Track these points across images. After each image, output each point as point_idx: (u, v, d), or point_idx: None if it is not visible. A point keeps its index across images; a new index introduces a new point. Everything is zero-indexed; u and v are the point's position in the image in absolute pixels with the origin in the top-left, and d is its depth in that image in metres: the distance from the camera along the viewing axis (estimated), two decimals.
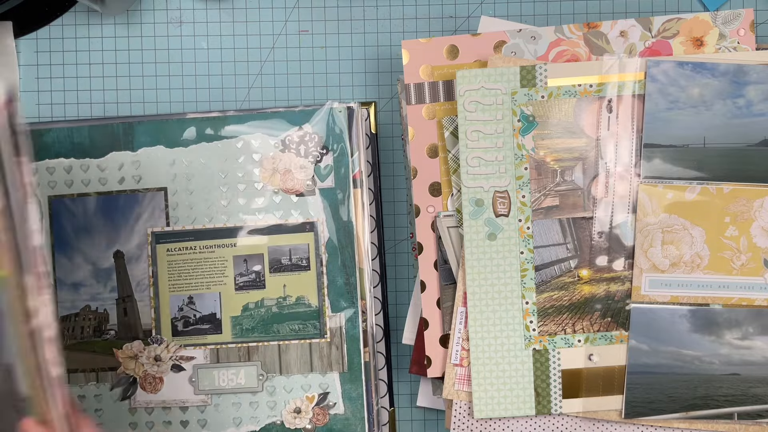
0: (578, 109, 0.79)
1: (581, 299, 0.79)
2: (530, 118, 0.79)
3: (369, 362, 0.80)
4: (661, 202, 0.78)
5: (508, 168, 0.79)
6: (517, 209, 0.79)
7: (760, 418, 0.78)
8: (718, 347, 0.78)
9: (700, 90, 0.78)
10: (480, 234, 0.79)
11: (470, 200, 0.79)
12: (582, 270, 0.79)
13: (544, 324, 0.79)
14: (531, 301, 0.79)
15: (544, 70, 0.78)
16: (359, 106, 0.81)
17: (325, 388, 0.80)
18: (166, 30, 0.86)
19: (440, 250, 0.81)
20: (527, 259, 0.79)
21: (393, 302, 0.85)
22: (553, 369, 0.79)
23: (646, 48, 0.79)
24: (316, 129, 0.81)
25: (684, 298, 0.79)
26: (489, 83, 0.79)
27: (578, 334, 0.79)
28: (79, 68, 0.86)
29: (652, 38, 0.79)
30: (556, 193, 0.79)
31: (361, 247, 0.80)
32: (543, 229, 0.79)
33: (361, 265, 0.80)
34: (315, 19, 0.87)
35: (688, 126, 0.78)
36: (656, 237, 0.78)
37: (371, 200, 0.82)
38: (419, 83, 0.81)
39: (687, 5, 0.86)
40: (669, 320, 0.78)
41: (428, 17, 0.86)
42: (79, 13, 0.87)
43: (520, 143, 0.79)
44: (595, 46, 0.80)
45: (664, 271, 0.79)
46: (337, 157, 0.81)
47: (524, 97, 0.79)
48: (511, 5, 0.86)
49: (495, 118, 0.79)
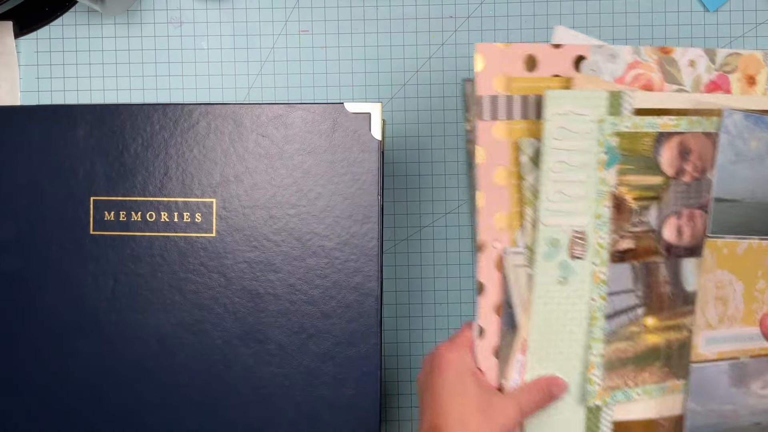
0: (658, 143, 0.72)
1: (645, 350, 0.73)
2: (615, 150, 0.71)
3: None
4: (719, 258, 0.73)
5: (591, 205, 0.71)
6: (593, 252, 0.71)
7: None
8: (746, 398, 0.76)
9: (757, 143, 0.73)
10: (551, 278, 0.70)
11: (546, 240, 0.69)
12: (648, 318, 0.73)
13: (609, 378, 0.72)
14: (598, 353, 0.72)
15: (631, 98, 0.71)
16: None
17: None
18: (166, 30, 0.86)
19: (505, 292, 0.71)
20: (599, 307, 0.71)
21: (393, 289, 0.86)
22: (604, 421, 0.73)
23: (710, 81, 0.74)
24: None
25: (726, 353, 0.75)
26: (578, 108, 0.70)
27: (639, 387, 0.73)
28: (79, 68, 0.86)
29: (715, 71, 0.74)
30: (632, 235, 0.72)
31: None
32: (616, 274, 0.72)
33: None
34: (315, 19, 0.87)
35: (746, 178, 0.73)
36: (710, 293, 0.73)
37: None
38: (494, 95, 0.69)
39: (687, 5, 0.86)
40: (716, 378, 0.75)
41: (428, 17, 0.86)
42: (79, 13, 0.87)
43: (604, 178, 0.71)
44: (668, 73, 0.74)
45: (715, 328, 0.74)
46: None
47: (611, 126, 0.70)
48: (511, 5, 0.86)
49: (582, 148, 0.70)
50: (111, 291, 0.77)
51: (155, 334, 0.77)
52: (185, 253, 0.77)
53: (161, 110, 0.76)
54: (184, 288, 0.77)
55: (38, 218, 0.77)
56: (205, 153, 0.77)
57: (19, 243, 0.77)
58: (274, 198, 0.77)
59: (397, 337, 0.87)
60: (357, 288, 0.77)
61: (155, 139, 0.77)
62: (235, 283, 0.77)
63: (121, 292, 0.77)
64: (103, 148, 0.77)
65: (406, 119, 0.87)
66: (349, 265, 0.77)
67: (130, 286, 0.77)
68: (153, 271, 0.77)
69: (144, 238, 0.77)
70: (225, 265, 0.77)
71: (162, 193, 0.77)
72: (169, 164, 0.77)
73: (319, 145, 0.77)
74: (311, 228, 0.77)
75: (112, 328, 0.77)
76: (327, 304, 0.77)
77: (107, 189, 0.77)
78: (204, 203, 0.77)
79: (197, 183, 0.77)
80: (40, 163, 0.77)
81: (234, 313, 0.77)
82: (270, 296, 0.77)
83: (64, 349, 0.78)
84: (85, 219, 0.77)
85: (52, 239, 0.77)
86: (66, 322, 0.77)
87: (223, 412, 0.77)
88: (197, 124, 0.76)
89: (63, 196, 0.77)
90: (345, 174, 0.77)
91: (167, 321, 0.77)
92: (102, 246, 0.77)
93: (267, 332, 0.77)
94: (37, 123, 0.77)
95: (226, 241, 0.77)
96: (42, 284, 0.77)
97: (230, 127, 0.77)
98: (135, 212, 0.77)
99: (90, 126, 0.77)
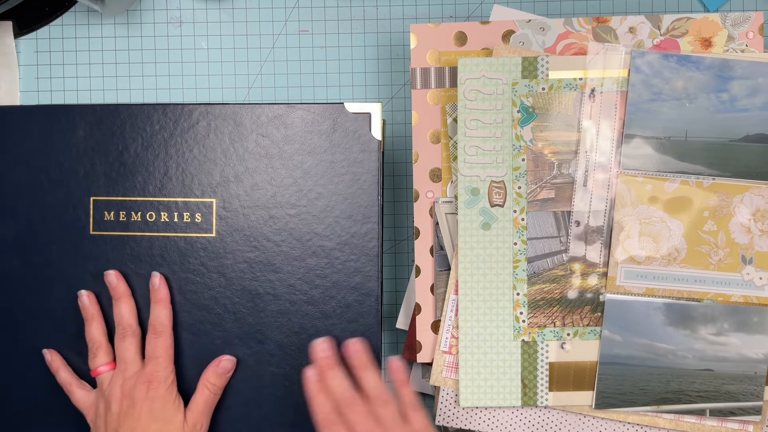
0: (578, 102, 0.79)
1: (572, 293, 0.79)
2: (530, 109, 0.79)
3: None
4: (641, 194, 0.78)
5: (506, 158, 0.79)
6: (512, 200, 0.79)
7: (732, 416, 0.79)
8: (692, 342, 0.79)
9: (684, 83, 0.78)
10: (474, 223, 0.79)
11: (466, 189, 0.79)
12: (574, 263, 0.79)
13: (534, 316, 0.79)
14: (522, 293, 0.79)
15: (546, 62, 0.78)
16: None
17: None
18: (166, 30, 0.86)
19: (437, 236, 0.81)
20: (520, 250, 0.79)
21: (393, 289, 0.86)
22: (541, 361, 0.79)
23: (654, 45, 0.79)
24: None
25: (659, 290, 0.79)
26: (490, 72, 0.79)
27: (568, 328, 0.79)
28: (79, 68, 0.86)
29: (661, 36, 0.79)
30: (552, 186, 0.79)
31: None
32: (538, 221, 0.79)
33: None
34: (315, 19, 0.87)
35: (671, 118, 0.78)
36: (633, 228, 0.79)
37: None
38: (425, 68, 0.81)
39: (687, 5, 0.86)
40: (644, 312, 0.79)
41: (428, 17, 0.87)
42: (79, 13, 0.87)
43: (519, 134, 0.79)
44: (604, 41, 0.80)
45: (640, 263, 0.79)
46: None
47: (525, 88, 0.79)
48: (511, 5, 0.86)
49: (495, 107, 0.79)
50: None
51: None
52: (185, 253, 0.77)
53: (161, 110, 0.76)
54: (184, 288, 0.77)
55: (38, 218, 0.77)
56: (205, 153, 0.77)
57: (19, 243, 0.77)
58: (274, 198, 0.77)
59: (396, 337, 0.87)
60: (357, 288, 0.77)
61: (155, 139, 0.77)
62: (235, 283, 0.77)
63: None
64: (102, 148, 0.77)
65: (406, 119, 0.87)
66: (349, 265, 0.77)
67: (130, 286, 0.77)
68: (153, 271, 0.77)
69: (144, 238, 0.77)
70: (225, 265, 0.77)
71: (162, 193, 0.77)
72: (169, 164, 0.77)
73: (319, 145, 0.77)
74: (311, 228, 0.77)
75: (110, 328, 0.77)
76: (327, 304, 0.77)
77: (107, 189, 0.77)
78: (204, 203, 0.77)
79: (197, 183, 0.77)
80: (39, 163, 0.77)
81: (234, 313, 0.77)
82: (270, 296, 0.77)
83: (64, 349, 0.78)
84: (85, 219, 0.77)
85: (52, 239, 0.77)
86: (66, 322, 0.77)
87: (223, 411, 0.77)
88: (197, 124, 0.76)
89: (63, 196, 0.77)
90: (345, 174, 0.77)
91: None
92: (102, 246, 0.77)
93: (267, 332, 0.77)
94: (37, 123, 0.77)
95: (226, 241, 0.77)
96: (42, 284, 0.77)
97: (230, 127, 0.77)
98: (135, 212, 0.77)
99: (90, 126, 0.77)
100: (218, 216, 0.77)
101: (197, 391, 0.75)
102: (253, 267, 0.77)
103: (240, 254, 0.77)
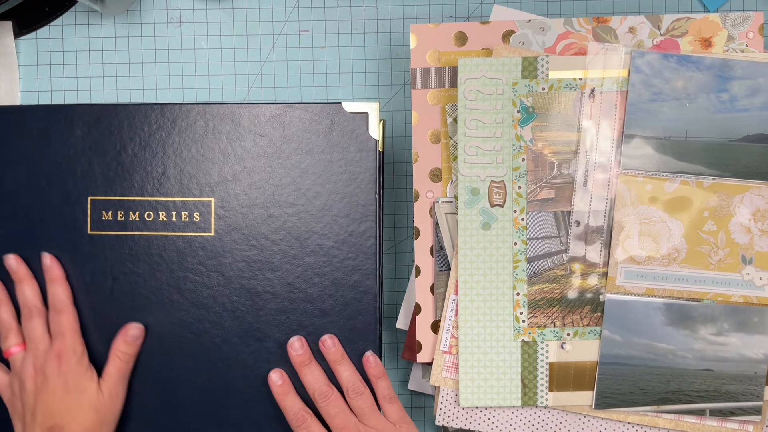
0: (578, 102, 0.79)
1: (572, 293, 0.79)
2: (530, 109, 0.79)
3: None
4: (640, 194, 0.78)
5: (506, 158, 0.79)
6: (512, 200, 0.79)
7: (732, 416, 0.79)
8: (692, 342, 0.79)
9: (684, 83, 0.78)
10: (474, 223, 0.79)
11: (466, 189, 0.79)
12: (574, 263, 0.79)
13: (534, 316, 0.79)
14: (522, 293, 0.79)
15: (546, 62, 0.79)
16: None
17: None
18: (166, 30, 0.87)
19: (437, 236, 0.81)
20: (520, 250, 0.79)
21: (393, 289, 0.86)
22: (540, 361, 0.79)
23: (654, 45, 0.79)
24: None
25: (659, 290, 0.79)
26: (490, 72, 0.79)
27: (568, 328, 0.79)
28: (79, 68, 0.87)
29: (661, 36, 0.79)
30: (552, 186, 0.79)
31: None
32: (538, 221, 0.79)
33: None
34: (315, 19, 0.87)
35: (671, 118, 0.78)
36: (633, 228, 0.79)
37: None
38: (425, 68, 0.81)
39: (687, 5, 0.86)
40: (644, 312, 0.79)
41: (428, 17, 0.86)
42: (79, 13, 0.87)
43: (519, 134, 0.79)
44: (604, 41, 0.80)
45: (640, 263, 0.79)
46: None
47: (525, 88, 0.79)
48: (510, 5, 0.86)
49: (494, 107, 0.79)
50: (110, 290, 0.77)
51: (154, 333, 0.77)
52: (183, 252, 0.77)
53: (159, 110, 0.77)
54: (183, 287, 0.77)
55: (36, 218, 0.77)
56: (203, 152, 0.77)
57: (17, 242, 0.77)
58: (272, 197, 0.77)
59: (396, 337, 0.87)
60: (355, 286, 0.77)
61: (153, 138, 0.77)
62: (233, 282, 0.77)
63: (120, 292, 0.77)
64: (100, 147, 0.77)
65: (406, 119, 0.87)
66: (347, 263, 0.77)
67: (129, 285, 0.77)
68: (151, 270, 0.77)
69: (142, 238, 0.77)
70: (223, 264, 0.77)
71: (160, 192, 0.77)
72: (167, 164, 0.77)
73: (316, 144, 0.77)
74: (309, 227, 0.77)
75: (111, 327, 0.77)
76: (325, 302, 0.77)
77: (105, 189, 0.77)
78: (202, 202, 0.77)
79: (195, 182, 0.77)
80: (38, 163, 0.77)
81: (233, 312, 0.77)
82: (268, 295, 0.77)
83: None
84: (83, 219, 0.77)
85: (50, 239, 0.77)
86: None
87: (222, 410, 0.77)
88: (195, 124, 0.77)
89: (61, 196, 0.77)
90: (343, 173, 0.77)
91: (166, 320, 0.77)
92: (100, 246, 0.77)
93: (266, 330, 0.77)
94: (36, 123, 0.77)
95: (224, 240, 0.77)
96: (41, 284, 0.77)
97: (228, 127, 0.77)
98: (133, 212, 0.77)
99: (87, 126, 0.77)
100: (216, 215, 0.77)
101: (109, 362, 0.76)
102: (252, 266, 0.77)
103: (238, 253, 0.77)
